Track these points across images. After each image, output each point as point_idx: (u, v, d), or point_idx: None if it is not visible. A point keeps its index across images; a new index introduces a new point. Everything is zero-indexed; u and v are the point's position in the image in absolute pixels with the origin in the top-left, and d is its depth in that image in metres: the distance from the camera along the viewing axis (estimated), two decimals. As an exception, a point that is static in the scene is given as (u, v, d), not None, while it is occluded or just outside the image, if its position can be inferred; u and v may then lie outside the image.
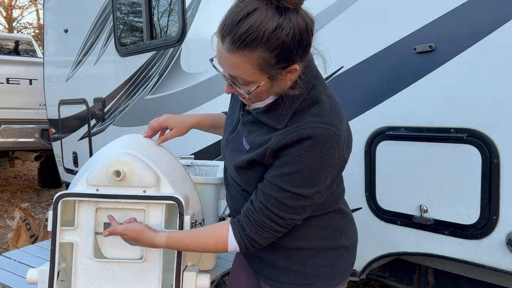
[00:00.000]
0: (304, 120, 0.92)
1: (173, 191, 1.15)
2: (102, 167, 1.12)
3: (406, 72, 1.55)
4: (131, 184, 1.12)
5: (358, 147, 1.71)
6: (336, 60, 1.77)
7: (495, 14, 1.34)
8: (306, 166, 0.90)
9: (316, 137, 0.89)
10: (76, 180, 1.20)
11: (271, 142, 0.94)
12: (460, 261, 1.48)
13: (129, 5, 3.03)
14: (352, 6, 1.70)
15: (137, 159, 1.14)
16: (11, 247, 3.17)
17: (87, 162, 1.25)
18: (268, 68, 0.87)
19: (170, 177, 1.17)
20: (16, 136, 5.08)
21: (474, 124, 1.41)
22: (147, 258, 1.14)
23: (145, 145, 1.22)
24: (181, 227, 1.10)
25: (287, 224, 0.97)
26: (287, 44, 0.83)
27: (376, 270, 1.90)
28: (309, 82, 0.97)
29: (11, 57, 5.59)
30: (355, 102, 1.71)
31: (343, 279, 1.10)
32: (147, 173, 1.13)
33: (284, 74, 0.90)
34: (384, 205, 1.66)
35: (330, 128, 0.91)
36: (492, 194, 1.38)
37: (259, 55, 0.84)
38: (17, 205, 5.02)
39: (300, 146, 0.90)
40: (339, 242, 1.09)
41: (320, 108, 0.94)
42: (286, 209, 0.94)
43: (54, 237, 1.12)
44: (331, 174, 0.95)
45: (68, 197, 1.11)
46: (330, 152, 0.91)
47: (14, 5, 18.21)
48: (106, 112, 3.31)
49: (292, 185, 0.92)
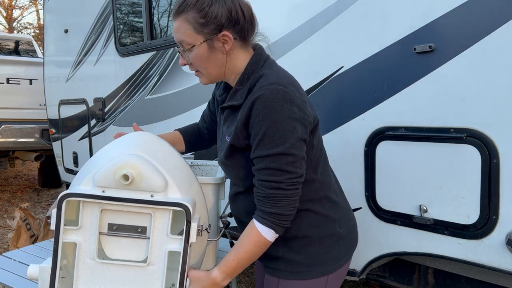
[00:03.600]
0: (254, 89, 1.04)
1: (181, 196, 1.12)
2: (109, 168, 1.08)
3: (406, 72, 1.55)
4: (139, 188, 1.09)
5: (358, 147, 1.71)
6: (336, 60, 1.77)
7: (495, 14, 1.34)
8: (269, 126, 0.99)
9: (264, 96, 1.00)
10: (79, 178, 1.17)
11: (237, 119, 1.07)
12: (460, 261, 1.48)
13: (129, 5, 3.03)
14: (352, 6, 1.70)
15: (146, 161, 1.10)
16: (11, 247, 3.17)
17: (90, 160, 1.21)
18: (200, 28, 1.04)
19: (178, 181, 1.14)
20: (16, 136, 5.08)
21: (474, 124, 1.41)
22: (151, 262, 1.12)
23: (153, 146, 1.18)
24: (187, 233, 1.08)
25: (292, 185, 1.02)
26: (213, 8, 1.03)
27: (376, 270, 1.90)
28: (259, 62, 1.11)
29: (11, 57, 5.59)
30: (355, 102, 1.71)
31: (339, 265, 1.16)
32: (155, 178, 1.09)
33: (219, 40, 1.06)
34: (384, 205, 1.66)
35: (277, 87, 1.00)
36: (492, 194, 1.39)
37: (192, 15, 1.04)
38: (17, 205, 5.02)
39: (256, 111, 1.01)
40: (332, 230, 1.15)
41: (267, 76, 1.05)
42: (276, 172, 1.01)
43: (57, 236, 1.10)
44: (300, 129, 1.01)
45: (73, 197, 1.08)
46: (284, 107, 1.00)
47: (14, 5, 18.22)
48: (106, 112, 3.31)
49: (266, 149, 1.01)
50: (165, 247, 1.11)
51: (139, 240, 1.13)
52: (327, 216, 1.15)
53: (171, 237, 1.11)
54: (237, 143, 1.08)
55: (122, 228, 1.12)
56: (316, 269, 1.13)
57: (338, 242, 1.16)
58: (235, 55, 1.11)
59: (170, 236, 1.10)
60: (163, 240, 1.11)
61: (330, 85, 1.80)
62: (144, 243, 1.13)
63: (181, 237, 1.09)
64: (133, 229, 1.12)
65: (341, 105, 1.76)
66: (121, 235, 1.14)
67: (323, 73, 1.82)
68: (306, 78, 1.87)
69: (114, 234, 1.14)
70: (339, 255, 1.16)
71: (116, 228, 1.12)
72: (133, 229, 1.12)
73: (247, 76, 1.09)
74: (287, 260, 1.13)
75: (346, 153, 1.75)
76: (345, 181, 1.49)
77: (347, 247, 1.19)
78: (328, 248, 1.14)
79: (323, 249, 1.13)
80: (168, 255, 1.11)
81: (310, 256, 1.13)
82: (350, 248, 1.21)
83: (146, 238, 1.12)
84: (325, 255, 1.14)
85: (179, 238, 1.10)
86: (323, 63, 1.81)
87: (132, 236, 1.14)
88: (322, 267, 1.13)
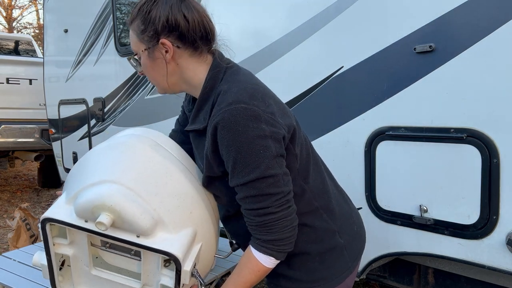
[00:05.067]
0: (214, 110, 0.95)
1: (174, 236, 0.96)
2: (86, 204, 0.93)
3: (406, 72, 1.55)
4: (122, 228, 0.94)
5: (358, 147, 1.71)
6: (336, 60, 1.77)
7: (495, 14, 1.34)
8: (237, 151, 0.90)
9: (224, 119, 0.90)
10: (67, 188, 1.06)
11: (205, 148, 0.99)
12: (460, 261, 1.48)
13: (129, 5, 3.03)
14: (352, 6, 1.69)
15: (129, 201, 0.92)
16: (11, 247, 3.17)
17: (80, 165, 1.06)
18: (141, 35, 1.00)
19: (173, 214, 0.97)
20: (16, 136, 5.08)
21: (474, 124, 1.41)
22: (146, 283, 1.04)
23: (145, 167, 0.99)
24: (178, 279, 0.96)
25: (280, 206, 0.94)
26: (151, 14, 0.97)
27: (376, 270, 1.90)
28: (217, 75, 1.01)
29: (11, 57, 5.58)
30: (355, 102, 1.71)
31: (344, 277, 1.08)
32: (139, 221, 0.92)
33: (159, 49, 0.99)
34: (384, 205, 1.66)
35: (236, 106, 0.91)
36: (492, 194, 1.38)
37: (136, 23, 1.00)
38: (17, 205, 5.02)
39: (220, 138, 0.92)
40: (333, 243, 1.07)
41: (225, 93, 0.95)
42: (260, 199, 0.93)
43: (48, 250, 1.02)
44: (272, 145, 0.91)
45: (55, 223, 0.98)
46: (250, 126, 0.90)
47: (14, 5, 18.21)
48: (106, 112, 3.31)
49: (241, 177, 0.92)
50: (158, 278, 1.00)
51: None
52: (325, 228, 1.06)
53: (163, 273, 1.00)
54: (212, 174, 1.00)
55: (115, 247, 1.02)
56: (319, 285, 1.05)
57: (342, 253, 1.08)
58: (185, 66, 1.02)
59: (161, 272, 0.99)
60: (155, 272, 1.01)
61: (330, 85, 1.79)
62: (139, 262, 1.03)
63: (173, 274, 0.97)
64: (126, 250, 1.02)
65: (341, 105, 1.76)
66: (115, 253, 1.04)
67: (323, 73, 1.82)
68: (306, 78, 1.87)
69: (107, 250, 1.04)
70: (343, 267, 1.08)
71: (109, 245, 1.03)
72: (127, 250, 1.02)
73: (206, 93, 1.00)
74: (288, 277, 1.07)
75: (346, 153, 1.75)
76: (345, 181, 1.48)
77: (351, 256, 1.11)
78: (330, 263, 1.06)
79: (325, 264, 1.06)
80: (161, 287, 1.01)
81: (311, 273, 1.05)
82: (356, 255, 1.13)
83: (140, 260, 1.01)
84: (327, 270, 1.06)
85: (170, 276, 0.98)
86: (323, 63, 1.81)
87: (125, 256, 1.04)
88: (324, 282, 1.05)
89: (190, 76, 1.03)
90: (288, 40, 1.94)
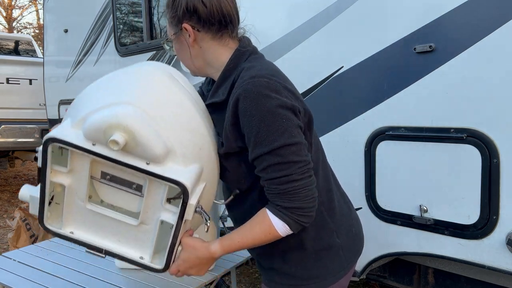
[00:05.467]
0: (236, 84, 0.99)
1: (183, 167, 0.95)
2: (99, 124, 0.90)
3: (406, 72, 1.55)
4: (133, 153, 0.92)
5: (358, 147, 1.71)
6: (336, 60, 1.77)
7: (495, 14, 1.34)
8: (260, 120, 0.92)
9: (247, 90, 0.93)
10: (72, 113, 1.00)
11: (225, 122, 1.00)
12: (460, 261, 1.48)
13: (129, 5, 3.03)
14: (352, 6, 1.70)
15: (145, 124, 0.90)
16: (11, 247, 3.17)
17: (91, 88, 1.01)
18: (170, 22, 1.10)
19: (185, 147, 0.96)
20: (16, 136, 5.08)
21: (474, 124, 1.41)
22: (143, 221, 1.00)
23: (163, 93, 0.98)
24: (182, 211, 0.94)
25: (303, 173, 0.94)
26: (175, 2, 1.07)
27: (376, 270, 1.90)
28: (242, 56, 1.07)
29: (11, 57, 5.59)
30: (355, 102, 1.71)
31: (339, 277, 1.09)
32: (153, 147, 0.91)
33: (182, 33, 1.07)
34: (384, 205, 1.66)
35: (259, 79, 0.94)
36: (492, 194, 1.38)
37: (168, 11, 1.10)
38: (17, 205, 5.01)
39: (242, 109, 0.94)
40: (330, 241, 1.08)
41: (248, 69, 1.00)
42: (283, 166, 0.93)
43: (44, 177, 0.98)
44: (293, 116, 0.95)
45: (59, 144, 0.94)
46: (272, 96, 0.93)
47: (14, 5, 18.21)
48: (106, 112, 3.31)
49: (265, 145, 0.93)
50: (159, 215, 0.98)
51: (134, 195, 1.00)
52: (324, 226, 1.07)
53: (166, 208, 0.97)
54: (229, 149, 1.01)
55: (116, 180, 0.98)
56: (313, 283, 1.06)
57: (338, 253, 1.09)
58: (207, 48, 1.07)
59: (164, 206, 0.97)
60: (157, 207, 0.98)
61: (330, 85, 1.79)
62: (139, 198, 0.99)
63: (176, 210, 0.95)
64: (127, 184, 0.98)
65: (341, 105, 1.76)
66: (115, 186, 1.00)
67: (323, 73, 1.82)
68: (306, 78, 1.87)
69: (107, 183, 1.00)
70: (338, 267, 1.09)
71: (109, 178, 0.99)
72: (128, 183, 0.98)
73: (229, 70, 1.05)
74: (282, 273, 1.08)
75: (346, 153, 1.75)
76: (345, 181, 1.48)
77: (348, 257, 1.12)
78: (326, 261, 1.07)
79: (321, 262, 1.07)
80: (160, 223, 0.99)
81: (306, 270, 1.06)
82: (352, 257, 1.14)
83: (141, 196, 0.98)
84: (322, 268, 1.07)
85: (173, 212, 0.97)
86: (323, 63, 1.81)
87: (126, 190, 0.99)
88: (319, 280, 1.07)
89: (211, 58, 1.09)
90: (288, 40, 1.94)
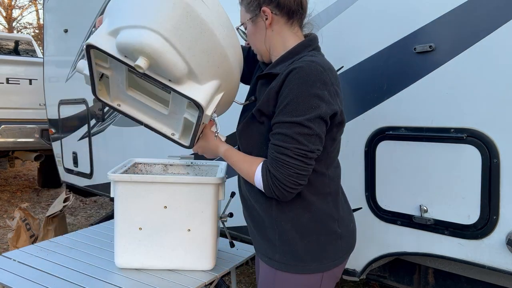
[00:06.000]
0: (293, 62, 1.10)
1: (200, 85, 1.11)
2: (127, 45, 1.04)
3: (406, 72, 1.55)
4: (157, 72, 1.09)
5: (358, 147, 1.71)
6: (336, 60, 1.77)
7: (495, 14, 1.34)
8: (296, 96, 1.03)
9: (301, 68, 1.04)
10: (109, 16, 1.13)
11: (272, 85, 1.11)
12: (460, 261, 1.48)
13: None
14: (352, 6, 1.70)
15: (165, 51, 1.03)
16: (11, 247, 3.17)
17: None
18: (247, 7, 1.20)
19: (203, 68, 1.10)
20: (16, 136, 5.08)
21: (474, 124, 1.41)
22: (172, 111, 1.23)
23: (183, 21, 1.06)
24: (199, 119, 1.12)
25: (298, 155, 1.04)
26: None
27: (376, 270, 1.90)
28: (308, 47, 1.18)
29: (11, 57, 5.58)
30: (355, 102, 1.71)
31: (335, 265, 1.17)
32: (172, 70, 1.05)
33: (261, 17, 1.18)
34: (384, 205, 1.66)
35: (316, 65, 1.05)
36: (492, 194, 1.38)
37: None
38: (17, 205, 5.02)
39: (289, 80, 1.05)
40: (332, 228, 1.16)
41: (307, 57, 1.11)
42: (287, 139, 1.04)
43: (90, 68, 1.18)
44: (324, 109, 1.04)
45: (98, 50, 1.10)
46: (316, 85, 1.04)
47: (14, 5, 18.20)
48: (106, 112, 3.31)
49: (286, 116, 1.04)
50: (183, 112, 1.19)
51: None
52: (329, 214, 1.16)
53: (187, 111, 1.17)
54: (265, 109, 1.12)
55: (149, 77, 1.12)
56: (311, 265, 1.14)
57: (336, 241, 1.18)
58: (278, 32, 1.19)
59: (186, 110, 1.17)
60: (182, 107, 1.19)
61: (330, 85, 1.79)
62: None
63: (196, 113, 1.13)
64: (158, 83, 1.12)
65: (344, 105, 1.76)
66: (148, 81, 1.19)
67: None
68: (306, 78, 1.86)
69: (142, 78, 1.19)
70: (335, 255, 1.17)
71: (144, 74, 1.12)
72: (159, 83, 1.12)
73: (292, 53, 1.16)
74: (283, 252, 1.15)
75: (346, 153, 1.75)
76: (345, 181, 1.48)
77: (344, 248, 1.20)
78: (325, 246, 1.15)
79: (320, 246, 1.15)
80: (184, 119, 1.20)
81: (306, 251, 1.14)
82: (347, 250, 1.22)
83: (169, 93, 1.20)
84: (321, 252, 1.15)
85: (193, 114, 1.15)
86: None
87: (157, 86, 1.20)
88: (317, 264, 1.15)
89: (279, 42, 1.20)
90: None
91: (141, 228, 1.56)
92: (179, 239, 1.58)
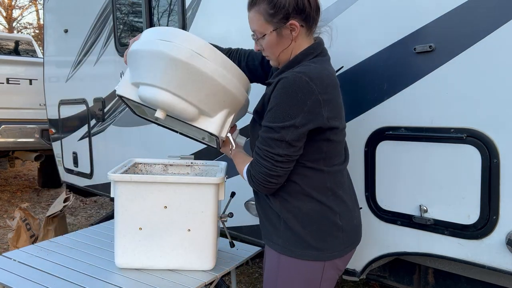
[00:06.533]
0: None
1: (211, 118, 1.32)
2: (146, 99, 1.31)
3: (406, 72, 1.55)
4: (174, 115, 1.33)
5: (358, 147, 1.71)
6: (336, 60, 1.77)
7: (495, 14, 1.34)
8: (276, 104, 1.12)
9: (286, 80, 1.10)
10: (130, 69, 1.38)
11: (266, 92, 1.21)
12: (460, 261, 1.48)
13: (129, 5, 3.03)
14: (352, 6, 1.69)
15: (176, 103, 1.26)
16: (11, 247, 3.17)
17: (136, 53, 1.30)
18: (270, 18, 1.17)
19: (210, 106, 1.29)
20: (16, 136, 5.08)
21: (474, 124, 1.41)
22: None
23: (185, 76, 1.25)
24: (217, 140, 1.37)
25: (266, 157, 1.15)
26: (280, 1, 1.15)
27: (376, 270, 1.90)
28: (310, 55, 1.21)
29: (11, 57, 5.58)
30: (355, 102, 1.71)
31: (334, 256, 1.22)
32: (185, 114, 1.29)
33: (287, 28, 1.17)
34: (384, 205, 1.66)
35: (301, 76, 1.10)
36: (492, 194, 1.38)
37: (263, 7, 1.17)
38: (17, 205, 5.02)
39: (276, 89, 1.13)
40: (332, 220, 1.22)
41: (302, 66, 1.16)
42: (262, 141, 1.16)
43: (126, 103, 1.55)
44: (300, 119, 1.10)
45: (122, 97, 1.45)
46: (298, 95, 1.09)
47: (14, 5, 18.20)
48: (106, 112, 3.31)
49: (266, 121, 1.15)
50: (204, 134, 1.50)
51: None
52: (329, 206, 1.21)
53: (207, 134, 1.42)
54: (260, 112, 1.23)
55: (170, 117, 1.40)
56: (311, 253, 1.20)
57: (337, 233, 1.22)
58: (299, 42, 1.22)
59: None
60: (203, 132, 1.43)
61: (330, 85, 1.79)
62: None
63: None
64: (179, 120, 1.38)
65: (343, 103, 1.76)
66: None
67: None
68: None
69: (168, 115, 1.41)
70: (335, 246, 1.22)
71: None
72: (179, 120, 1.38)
73: (293, 63, 1.20)
74: (286, 237, 1.22)
75: (346, 153, 1.75)
76: (345, 181, 1.49)
77: (345, 241, 1.23)
78: (325, 236, 1.21)
79: (320, 235, 1.20)
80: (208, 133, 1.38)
81: (307, 239, 1.20)
82: (349, 243, 1.25)
83: None
84: (321, 242, 1.20)
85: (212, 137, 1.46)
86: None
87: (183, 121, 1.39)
88: (317, 252, 1.20)
89: (296, 51, 1.23)
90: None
91: (141, 228, 1.57)
92: (179, 239, 1.58)
